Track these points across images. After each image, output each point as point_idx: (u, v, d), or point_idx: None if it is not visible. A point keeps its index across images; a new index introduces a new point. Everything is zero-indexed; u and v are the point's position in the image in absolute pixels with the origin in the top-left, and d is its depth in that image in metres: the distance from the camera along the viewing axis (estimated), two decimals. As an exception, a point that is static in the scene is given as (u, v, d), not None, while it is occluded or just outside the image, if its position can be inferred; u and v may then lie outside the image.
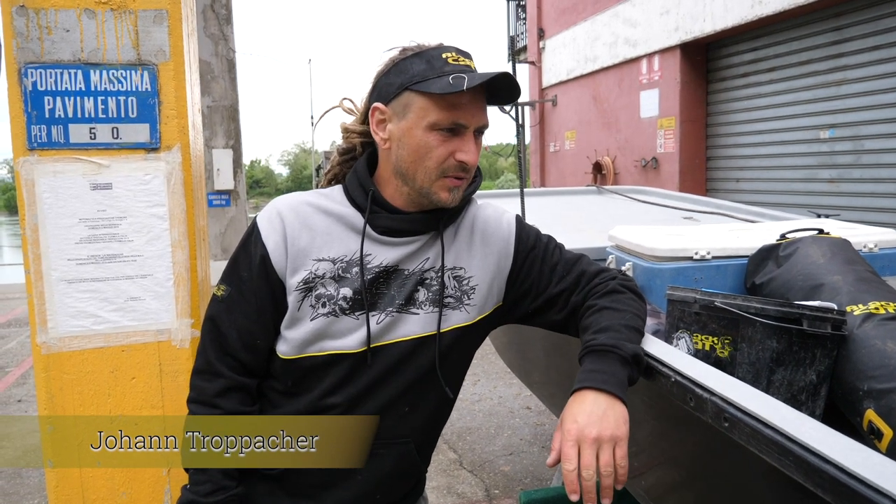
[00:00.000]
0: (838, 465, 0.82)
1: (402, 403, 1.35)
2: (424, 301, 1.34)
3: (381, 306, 1.33)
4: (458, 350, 1.39)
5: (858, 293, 1.73)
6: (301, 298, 1.31)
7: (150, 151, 1.71)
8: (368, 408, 1.34)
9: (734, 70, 8.26)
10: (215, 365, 1.36)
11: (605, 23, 10.47)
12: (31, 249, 1.66)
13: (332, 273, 1.31)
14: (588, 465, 1.09)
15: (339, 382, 1.32)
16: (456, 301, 1.37)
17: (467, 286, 1.38)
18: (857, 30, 6.49)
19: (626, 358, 1.21)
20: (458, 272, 1.38)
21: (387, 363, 1.33)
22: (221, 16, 9.92)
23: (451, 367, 1.40)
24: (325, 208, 1.36)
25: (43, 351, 1.68)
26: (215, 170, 9.81)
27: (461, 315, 1.37)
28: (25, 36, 1.63)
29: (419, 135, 1.27)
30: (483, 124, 1.30)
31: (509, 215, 1.48)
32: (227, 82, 10.03)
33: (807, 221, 2.59)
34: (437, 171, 1.28)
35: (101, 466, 1.73)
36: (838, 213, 3.80)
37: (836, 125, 6.83)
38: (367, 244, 1.33)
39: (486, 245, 1.41)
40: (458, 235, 1.41)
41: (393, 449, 1.36)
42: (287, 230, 1.32)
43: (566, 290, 1.42)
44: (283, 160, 79.32)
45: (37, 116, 1.64)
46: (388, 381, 1.33)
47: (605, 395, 1.15)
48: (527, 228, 1.48)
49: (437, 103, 1.25)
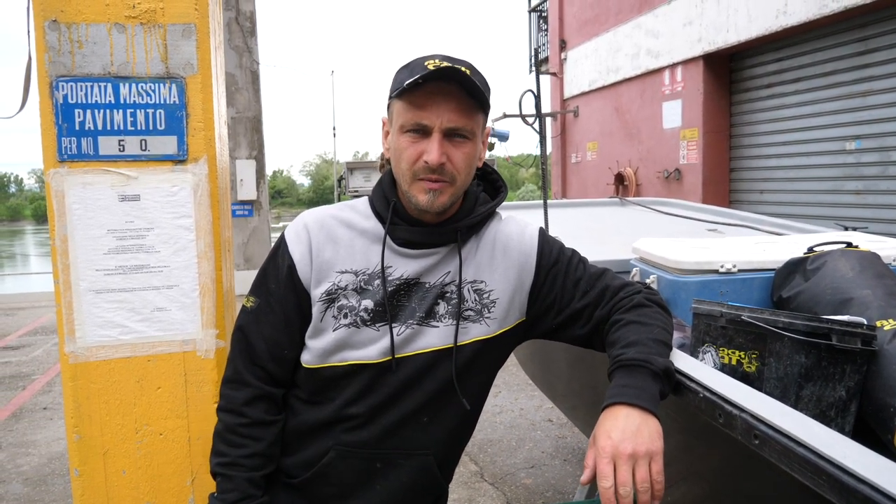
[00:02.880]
0: (874, 485, 0.80)
1: (422, 414, 1.36)
2: (444, 314, 1.35)
3: (402, 318, 1.34)
4: (478, 363, 1.39)
5: (889, 308, 1.70)
6: (324, 309, 1.35)
7: (177, 163, 1.73)
8: (389, 418, 1.35)
9: (758, 81, 8.19)
10: (243, 374, 1.40)
11: (627, 34, 10.45)
12: (61, 260, 1.68)
13: (355, 285, 1.34)
14: (625, 482, 1.08)
15: (360, 392, 1.34)
16: (476, 314, 1.37)
17: (487, 299, 1.38)
18: (883, 40, 6.41)
19: (657, 372, 1.20)
20: (479, 285, 1.38)
21: (407, 374, 1.34)
22: (246, 28, 10.06)
23: (471, 381, 1.40)
24: (349, 221, 1.40)
25: (70, 360, 1.70)
26: (238, 180, 9.93)
27: (481, 328, 1.37)
28: (57, 50, 1.65)
29: (395, 139, 1.32)
30: (452, 126, 1.27)
31: (532, 229, 1.47)
32: (251, 94, 10.16)
33: (834, 234, 2.56)
34: (409, 174, 1.30)
35: (126, 475, 1.74)
36: (866, 226, 3.74)
37: (862, 136, 6.74)
38: (389, 256, 1.35)
39: (508, 259, 1.41)
40: (480, 249, 1.41)
41: (413, 460, 1.37)
42: (312, 243, 1.36)
43: (590, 305, 1.40)
44: (305, 171, 79.96)
45: (67, 129, 1.67)
46: (408, 391, 1.35)
47: (637, 411, 1.14)
48: (550, 242, 1.47)
49: (405, 105, 1.28)
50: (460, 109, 1.27)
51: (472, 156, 1.33)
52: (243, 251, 10.12)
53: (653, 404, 1.16)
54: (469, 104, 1.28)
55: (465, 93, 1.27)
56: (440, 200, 1.30)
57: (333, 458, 1.37)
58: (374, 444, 1.36)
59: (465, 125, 1.29)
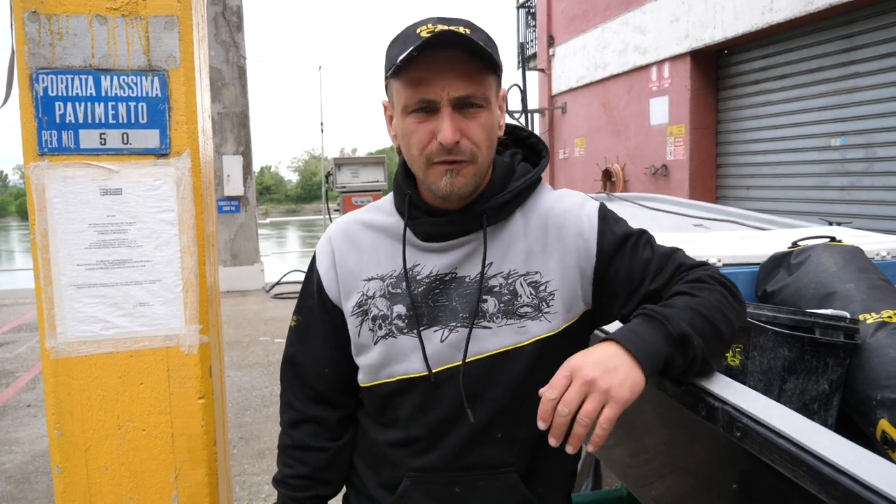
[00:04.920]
0: (853, 475, 0.80)
1: (493, 429, 1.19)
2: (496, 313, 1.18)
3: (444, 320, 1.18)
4: (545, 364, 1.15)
5: (872, 301, 1.71)
6: (359, 323, 1.24)
7: (159, 157, 1.71)
8: (455, 437, 1.20)
9: (745, 77, 8.23)
10: (289, 395, 1.36)
11: (615, 30, 10.47)
12: (41, 254, 1.66)
13: (382, 291, 1.22)
14: (569, 402, 0.97)
15: (415, 410, 1.21)
16: (534, 310, 1.18)
17: (545, 292, 1.19)
18: (869, 37, 6.46)
19: (672, 334, 1.04)
20: (534, 277, 1.19)
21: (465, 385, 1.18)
22: (233, 23, 9.99)
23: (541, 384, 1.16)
24: (372, 223, 1.28)
25: (52, 356, 1.69)
26: (225, 176, 9.87)
27: (541, 325, 1.18)
28: (37, 42, 1.63)
29: (400, 123, 1.16)
30: (461, 95, 1.10)
31: (591, 206, 1.25)
32: (238, 89, 10.10)
33: (818, 229, 2.57)
34: (423, 159, 1.14)
35: (108, 472, 1.73)
36: (850, 221, 3.77)
37: (847, 133, 6.79)
38: (413, 253, 1.21)
39: (563, 243, 1.21)
40: (529, 232, 1.21)
41: (495, 480, 1.20)
42: (336, 254, 1.27)
43: (661, 288, 1.19)
44: (293, 166, 79.68)
45: (48, 122, 1.65)
46: (470, 405, 1.18)
47: (627, 355, 1.01)
48: (612, 221, 1.25)
49: (404, 83, 1.11)
50: (467, 75, 1.09)
51: (490, 125, 1.14)
52: (230, 247, 10.08)
53: (648, 360, 1.02)
54: (475, 67, 1.10)
55: (468, 55, 1.09)
56: (459, 182, 1.13)
57: (408, 487, 1.24)
58: (446, 467, 1.21)
59: (476, 91, 1.11)
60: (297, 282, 10.17)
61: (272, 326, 7.64)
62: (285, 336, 1.41)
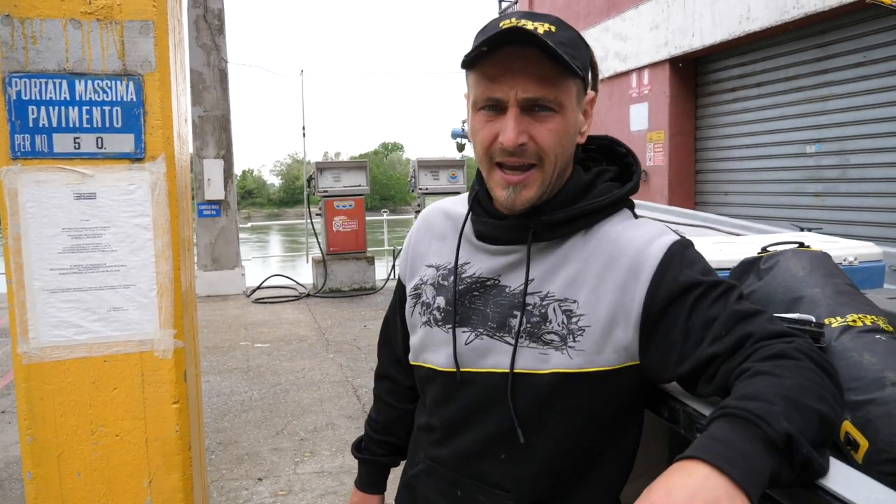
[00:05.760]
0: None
1: (497, 448, 1.12)
2: (522, 331, 1.09)
3: (474, 324, 1.14)
4: (561, 403, 1.07)
5: (837, 306, 1.75)
6: (413, 304, 1.26)
7: (134, 161, 1.71)
8: (463, 441, 1.16)
9: (723, 85, 8.34)
10: (378, 348, 1.48)
11: (595, 37, 10.56)
12: (13, 259, 1.66)
13: (433, 280, 1.22)
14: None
15: (435, 402, 1.21)
16: (560, 340, 1.07)
17: (576, 325, 1.06)
18: (842, 46, 6.58)
19: (772, 439, 0.78)
20: (569, 305, 1.07)
21: (476, 394, 1.13)
22: (214, 26, 9.95)
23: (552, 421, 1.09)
24: (450, 211, 1.27)
25: (24, 361, 1.68)
26: (206, 180, 9.81)
27: (562, 359, 1.06)
28: (10, 45, 1.63)
29: (471, 117, 1.11)
30: (530, 97, 1.03)
31: (661, 243, 1.06)
32: (219, 92, 10.05)
33: (789, 235, 2.62)
34: (486, 158, 1.09)
35: (81, 477, 1.72)
36: (821, 227, 3.84)
37: (822, 140, 6.91)
38: (466, 250, 1.18)
39: (612, 276, 1.06)
40: (584, 257, 1.09)
41: (491, 498, 1.14)
42: (414, 236, 1.32)
43: (720, 356, 0.97)
44: (276, 170, 79.33)
45: (21, 125, 1.65)
46: (479, 416, 1.14)
47: (724, 479, 0.73)
48: (682, 262, 1.05)
49: (477, 77, 1.07)
50: (540, 76, 1.02)
51: (563, 131, 1.06)
52: (211, 251, 10.01)
53: (750, 480, 0.74)
54: (551, 68, 1.02)
55: (546, 56, 1.01)
56: (524, 196, 1.07)
57: (421, 472, 1.24)
58: (454, 466, 1.19)
59: (547, 94, 1.03)
60: (278, 286, 10.13)
61: (252, 331, 7.60)
62: (265, 341, 1.46)
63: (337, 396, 5.20)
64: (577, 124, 1.10)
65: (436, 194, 9.58)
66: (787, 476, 0.80)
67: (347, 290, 9.67)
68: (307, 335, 7.12)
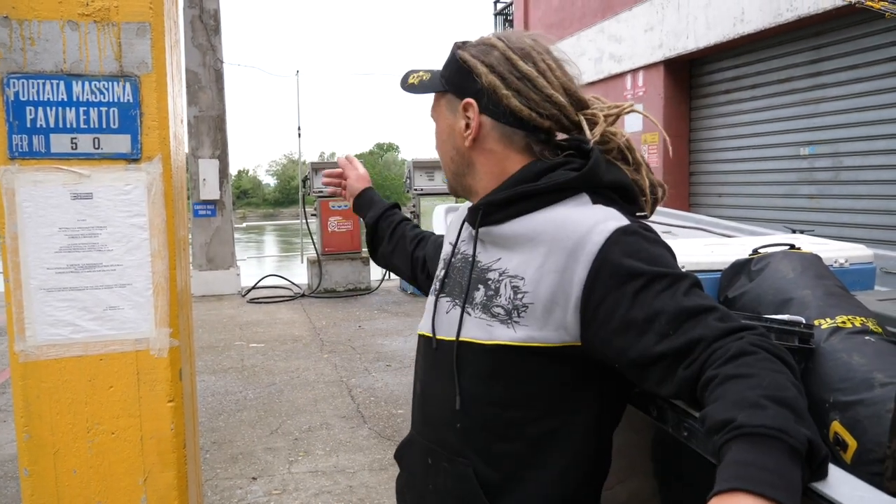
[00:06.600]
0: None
1: (456, 417, 1.17)
2: (478, 303, 1.16)
3: (453, 295, 1.25)
4: (506, 378, 1.12)
5: (827, 307, 1.77)
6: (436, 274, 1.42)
7: (130, 162, 1.73)
8: (430, 407, 1.24)
9: (717, 87, 8.37)
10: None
11: (590, 38, 10.59)
12: (11, 258, 1.67)
13: (445, 255, 1.37)
14: None
15: (420, 368, 1.32)
16: (505, 314, 1.12)
17: (520, 302, 1.11)
18: (836, 49, 6.62)
19: (796, 448, 0.79)
20: (518, 282, 1.12)
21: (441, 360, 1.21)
22: (209, 26, 9.95)
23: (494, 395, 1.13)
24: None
25: (21, 359, 1.69)
26: (201, 180, 9.80)
27: (506, 332, 1.11)
28: (8, 46, 1.64)
29: None
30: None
31: (606, 227, 1.06)
32: (215, 92, 10.04)
33: (780, 237, 2.64)
34: None
35: (77, 475, 1.73)
36: (812, 229, 3.86)
37: (815, 142, 6.94)
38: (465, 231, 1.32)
39: (552, 255, 1.09)
40: (534, 234, 1.14)
41: (454, 466, 1.18)
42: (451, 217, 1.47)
43: (668, 356, 0.97)
44: (272, 171, 79.19)
45: (18, 126, 1.66)
46: (440, 383, 1.20)
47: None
48: (624, 251, 1.04)
49: None
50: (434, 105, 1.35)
51: (439, 135, 1.33)
52: (206, 251, 10.00)
53: (794, 498, 0.76)
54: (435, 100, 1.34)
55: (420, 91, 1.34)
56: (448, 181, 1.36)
57: (406, 442, 1.33)
58: (426, 434, 1.25)
59: (431, 112, 1.36)
60: (273, 286, 10.13)
61: (247, 331, 7.60)
62: (260, 341, 1.46)
63: (331, 396, 5.22)
64: (451, 127, 1.28)
65: (431, 195, 9.60)
66: (808, 478, 0.81)
67: (342, 290, 9.68)
68: (302, 335, 7.13)
